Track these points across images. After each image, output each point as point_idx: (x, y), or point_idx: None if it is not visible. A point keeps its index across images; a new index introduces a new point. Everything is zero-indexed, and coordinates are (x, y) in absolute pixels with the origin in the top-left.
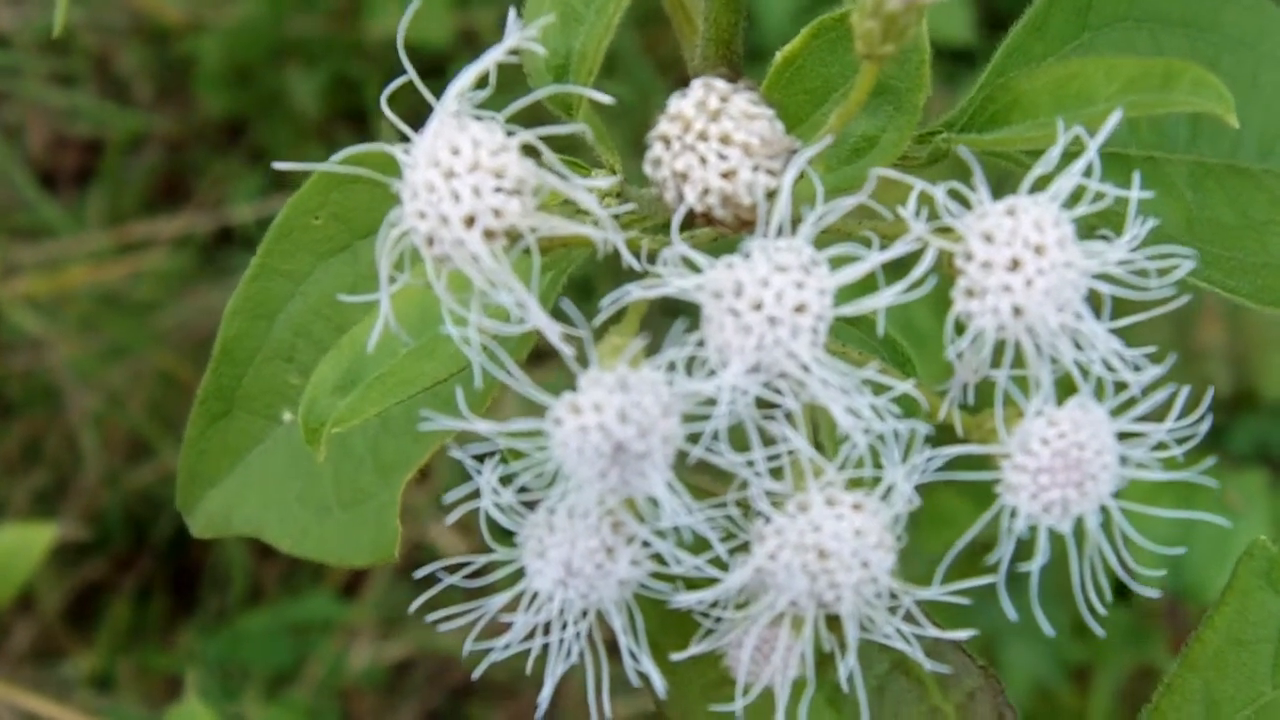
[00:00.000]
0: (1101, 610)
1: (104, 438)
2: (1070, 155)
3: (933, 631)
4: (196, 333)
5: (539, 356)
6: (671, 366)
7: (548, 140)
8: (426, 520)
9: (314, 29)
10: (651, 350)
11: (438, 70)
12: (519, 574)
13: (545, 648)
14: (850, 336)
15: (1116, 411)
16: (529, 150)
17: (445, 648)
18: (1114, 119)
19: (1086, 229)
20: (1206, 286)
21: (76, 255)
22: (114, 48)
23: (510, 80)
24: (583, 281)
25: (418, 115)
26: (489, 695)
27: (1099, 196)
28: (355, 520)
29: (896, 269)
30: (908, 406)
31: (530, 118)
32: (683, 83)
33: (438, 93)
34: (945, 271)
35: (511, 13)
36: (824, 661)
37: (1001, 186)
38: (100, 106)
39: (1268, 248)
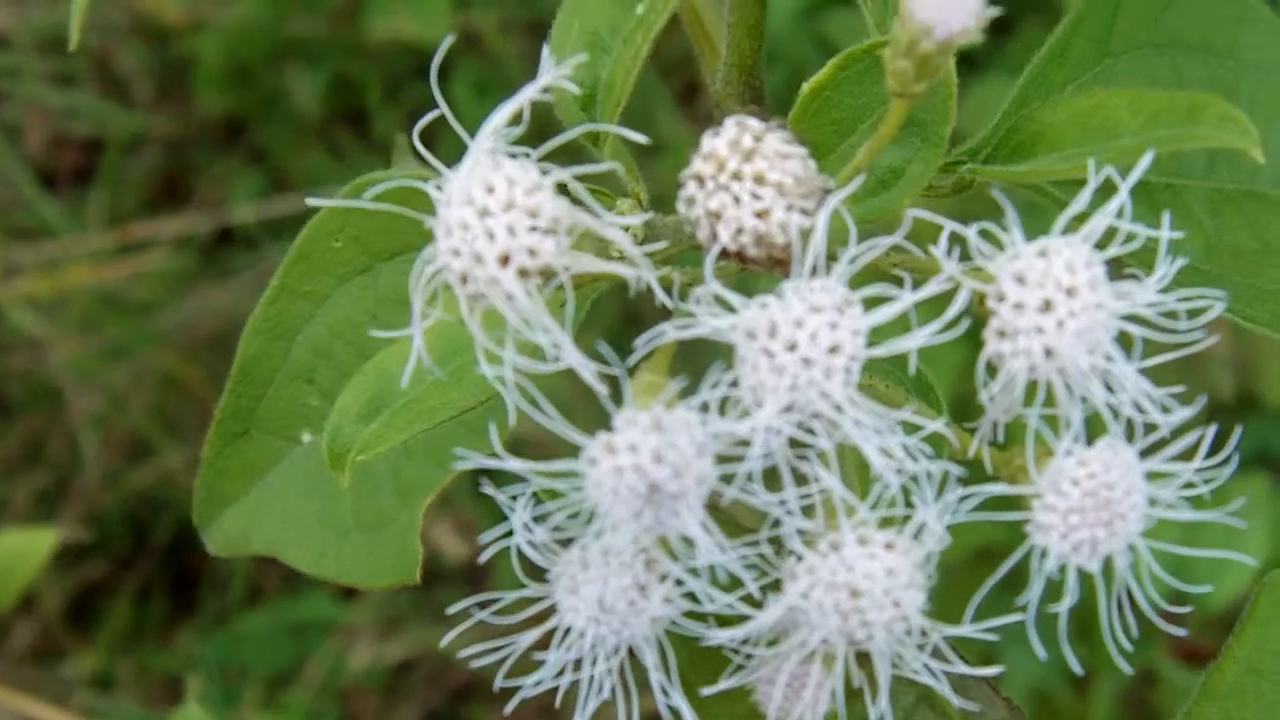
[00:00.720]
0: (1128, 647)
1: (104, 438)
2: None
3: (961, 667)
4: (197, 333)
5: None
6: (705, 407)
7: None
8: (427, 523)
9: (314, 29)
10: (683, 388)
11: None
12: (536, 596)
13: (575, 683)
14: (876, 368)
15: (1145, 453)
16: (560, 186)
17: (445, 650)
18: (1146, 161)
19: (1114, 265)
20: (1227, 316)
21: (77, 255)
22: (114, 47)
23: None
24: (592, 303)
25: (419, 116)
26: (489, 697)
27: (1131, 237)
28: (375, 542)
29: (926, 304)
30: (935, 443)
31: (559, 152)
32: (688, 92)
33: (441, 94)
34: (976, 311)
35: (545, 49)
36: (852, 696)
37: (1021, 214)
38: (100, 106)
39: None
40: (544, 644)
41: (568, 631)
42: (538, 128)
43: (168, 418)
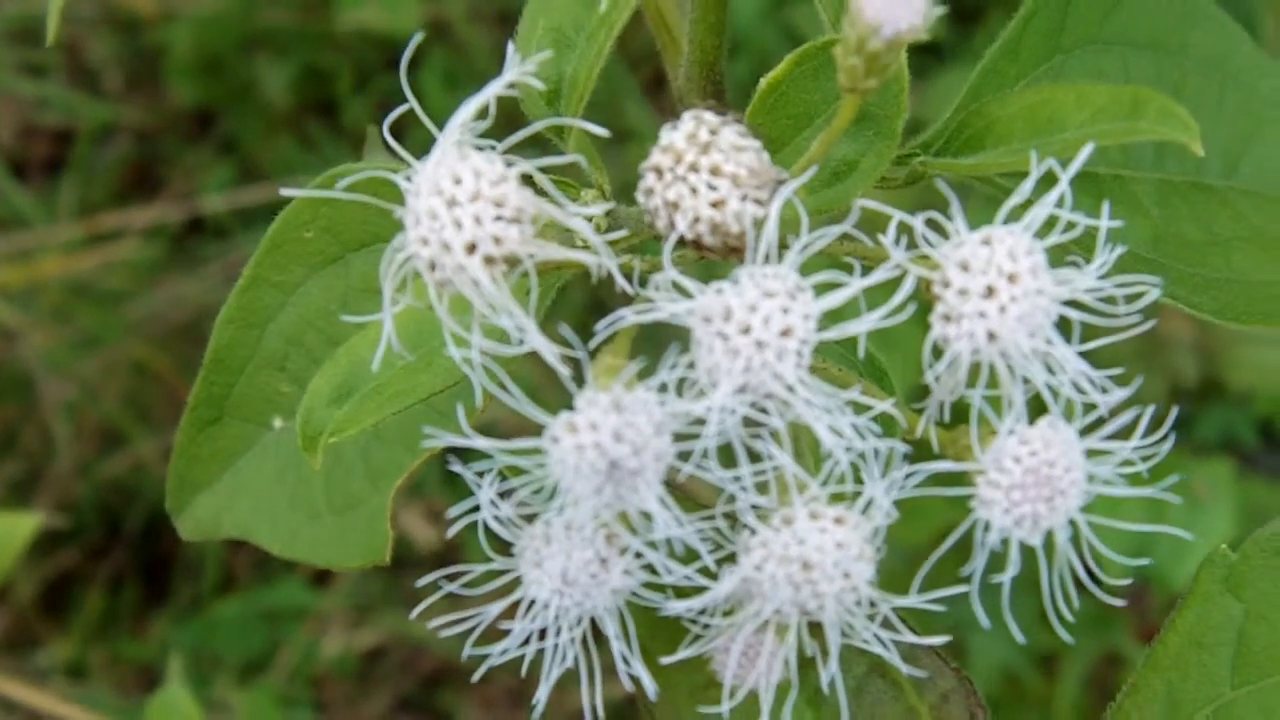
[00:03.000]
0: (1069, 618)
1: (77, 428)
2: (1043, 176)
3: (909, 637)
4: (168, 322)
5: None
6: (663, 387)
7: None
8: (398, 509)
9: (284, 19)
10: (642, 368)
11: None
12: (503, 573)
13: (540, 652)
14: (831, 353)
15: (1085, 431)
16: (524, 176)
17: (417, 636)
18: (1085, 152)
19: (1058, 252)
20: (1171, 304)
21: (48, 245)
22: (84, 37)
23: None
24: (559, 290)
25: (388, 105)
26: (460, 683)
27: (1070, 226)
28: (346, 524)
29: (877, 290)
30: (886, 423)
31: (525, 144)
32: (655, 82)
33: (414, 82)
34: (923, 297)
35: (510, 46)
36: (805, 665)
37: (970, 203)
38: (70, 96)
39: (1231, 263)
40: (511, 616)
41: (532, 603)
42: (506, 120)
43: (139, 407)
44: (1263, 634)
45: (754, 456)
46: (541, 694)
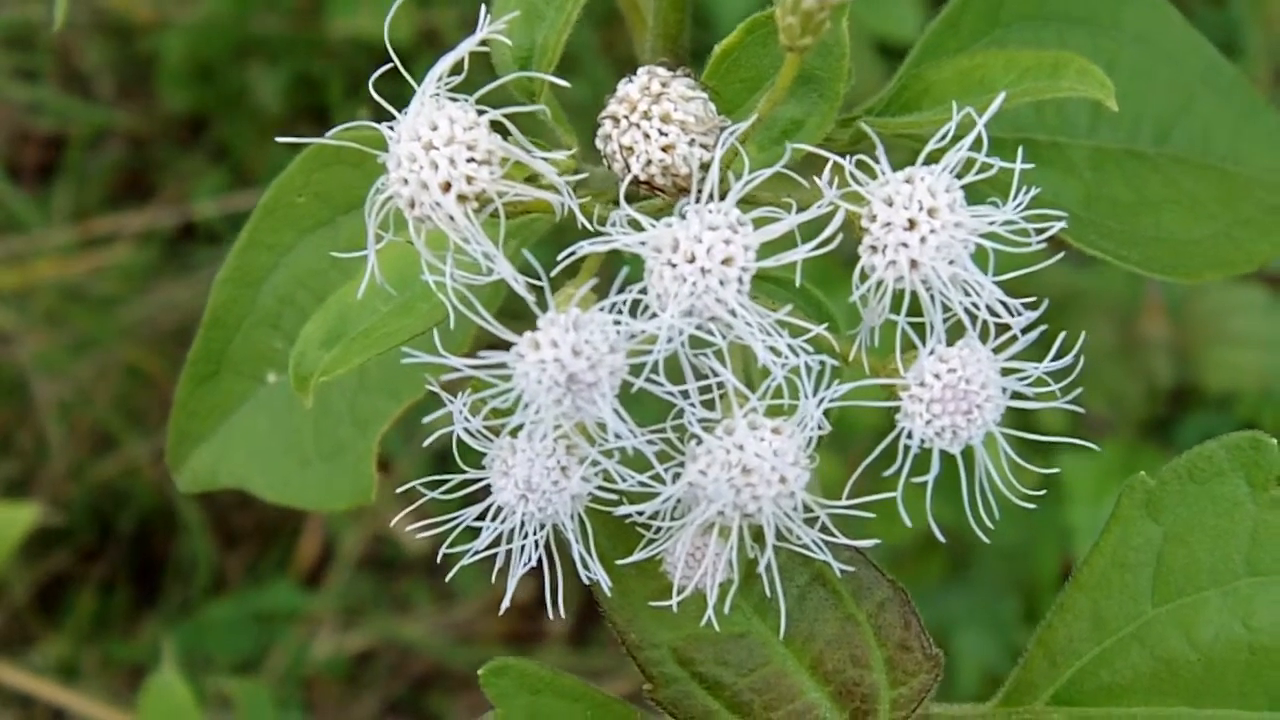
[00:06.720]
0: (989, 524)
1: (70, 430)
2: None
3: (843, 540)
4: (161, 326)
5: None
6: (618, 310)
7: (518, 124)
8: (388, 514)
9: (277, 27)
10: (602, 297)
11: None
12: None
13: (509, 555)
14: (780, 296)
15: (1000, 350)
16: (499, 129)
17: (407, 638)
18: (997, 102)
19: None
20: (1099, 254)
21: (42, 249)
22: (77, 43)
23: (483, 69)
24: (545, 267)
25: (380, 112)
26: (449, 686)
27: (986, 168)
28: (334, 470)
29: (817, 231)
30: (825, 350)
31: (499, 103)
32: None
33: (401, 88)
34: (854, 232)
35: (482, 8)
36: (753, 575)
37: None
38: (63, 102)
39: (1160, 223)
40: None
41: (500, 510)
42: (496, 98)
43: (132, 410)
44: (1180, 555)
45: (700, 373)
46: (508, 589)
